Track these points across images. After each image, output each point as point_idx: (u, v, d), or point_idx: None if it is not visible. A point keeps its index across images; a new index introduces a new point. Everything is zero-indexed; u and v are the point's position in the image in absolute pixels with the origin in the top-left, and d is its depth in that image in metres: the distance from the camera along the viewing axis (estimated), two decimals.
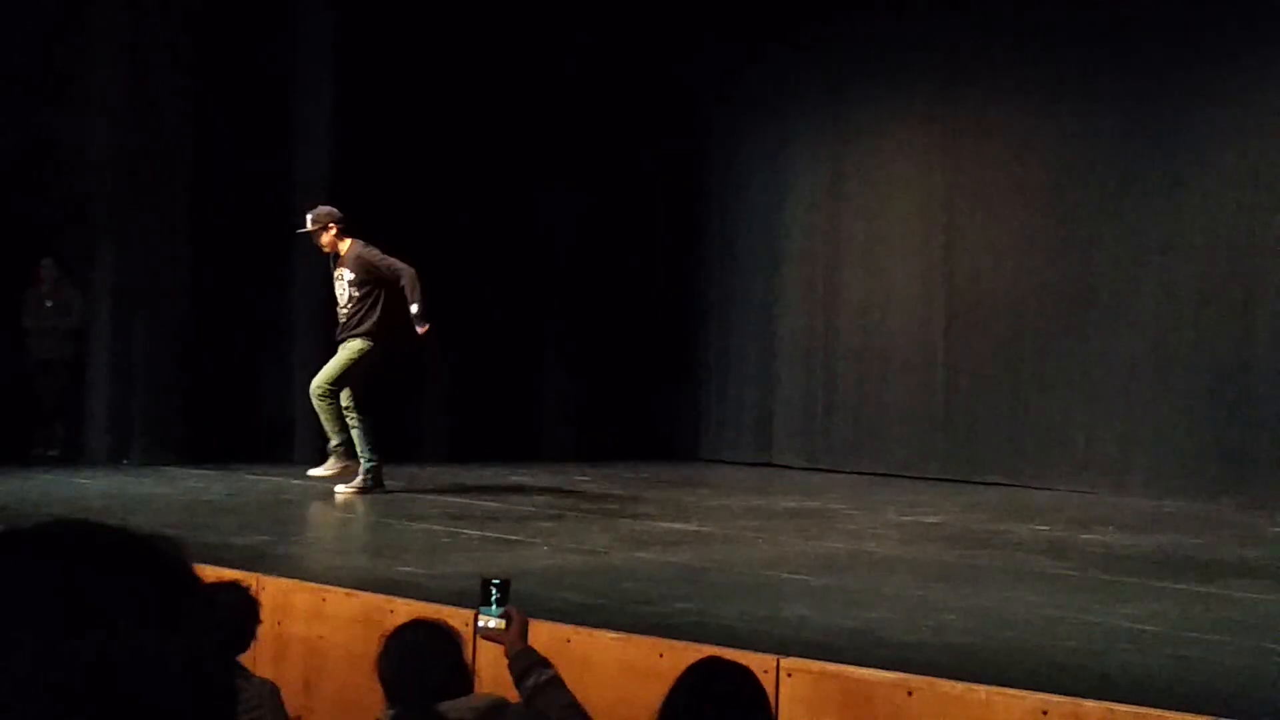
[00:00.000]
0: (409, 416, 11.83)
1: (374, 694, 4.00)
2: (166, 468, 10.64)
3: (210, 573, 5.68)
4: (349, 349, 9.29)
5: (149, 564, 1.11)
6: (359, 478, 9.27)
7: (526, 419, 12.34)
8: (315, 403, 9.32)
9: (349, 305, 9.29)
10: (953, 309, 11.45)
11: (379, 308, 9.26)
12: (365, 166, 11.56)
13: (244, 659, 4.57)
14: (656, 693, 3.40)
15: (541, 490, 9.99)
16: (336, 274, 9.41)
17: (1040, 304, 11.07)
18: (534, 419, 12.43)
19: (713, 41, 12.78)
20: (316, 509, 9.04)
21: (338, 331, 9.40)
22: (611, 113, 12.66)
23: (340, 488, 9.24)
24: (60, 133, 11.60)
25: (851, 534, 8.30)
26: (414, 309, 9.14)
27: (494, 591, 4.09)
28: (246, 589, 4.68)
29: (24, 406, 11.67)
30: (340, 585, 6.06)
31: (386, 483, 9.41)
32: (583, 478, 10.78)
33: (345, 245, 9.33)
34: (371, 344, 9.26)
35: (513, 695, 4.03)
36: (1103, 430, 10.72)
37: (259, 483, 10.03)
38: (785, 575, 6.80)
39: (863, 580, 6.74)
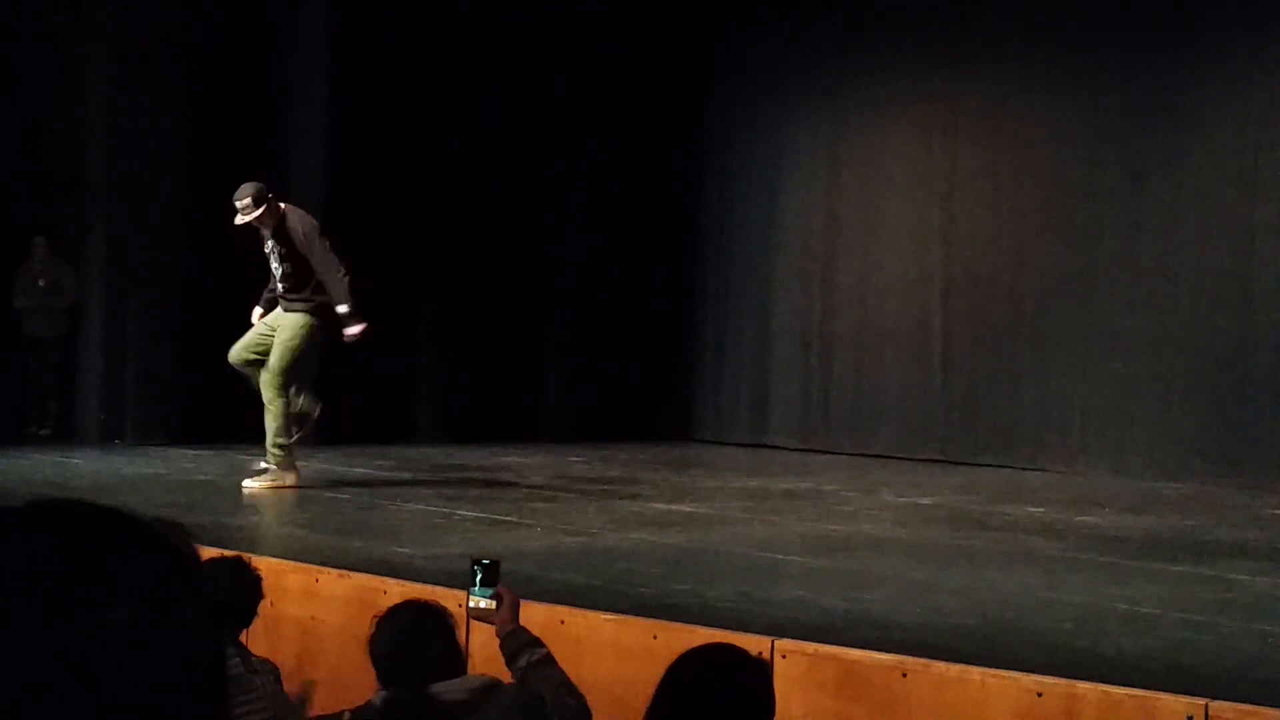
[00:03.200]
0: (404, 397, 11.81)
1: (367, 674, 3.98)
2: (159, 447, 10.61)
3: (211, 550, 5.67)
4: (291, 327, 8.45)
5: (141, 543, 1.10)
6: (269, 469, 8.49)
7: (522, 400, 12.32)
8: (267, 396, 8.45)
9: (284, 281, 8.51)
10: (949, 291, 11.43)
11: (314, 280, 8.45)
12: (361, 144, 11.52)
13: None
14: (650, 674, 3.38)
15: (536, 471, 9.97)
16: (269, 246, 8.58)
17: (1037, 286, 11.05)
18: (529, 400, 12.41)
19: (709, 23, 12.72)
20: (310, 489, 9.01)
21: (269, 290, 8.66)
22: (607, 96, 12.61)
23: (249, 482, 8.51)
24: (53, 110, 11.55)
25: (847, 515, 8.29)
26: (341, 308, 8.36)
27: (484, 573, 4.07)
28: (249, 564, 4.67)
29: (16, 386, 11.64)
30: (333, 566, 6.04)
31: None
32: (578, 459, 10.76)
33: (281, 212, 8.53)
34: (313, 320, 8.49)
35: (506, 676, 4.01)
36: (1099, 412, 10.71)
37: (253, 462, 9.99)
38: (780, 557, 6.78)
39: (858, 562, 6.72)
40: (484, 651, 4.80)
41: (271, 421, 8.49)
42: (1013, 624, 5.36)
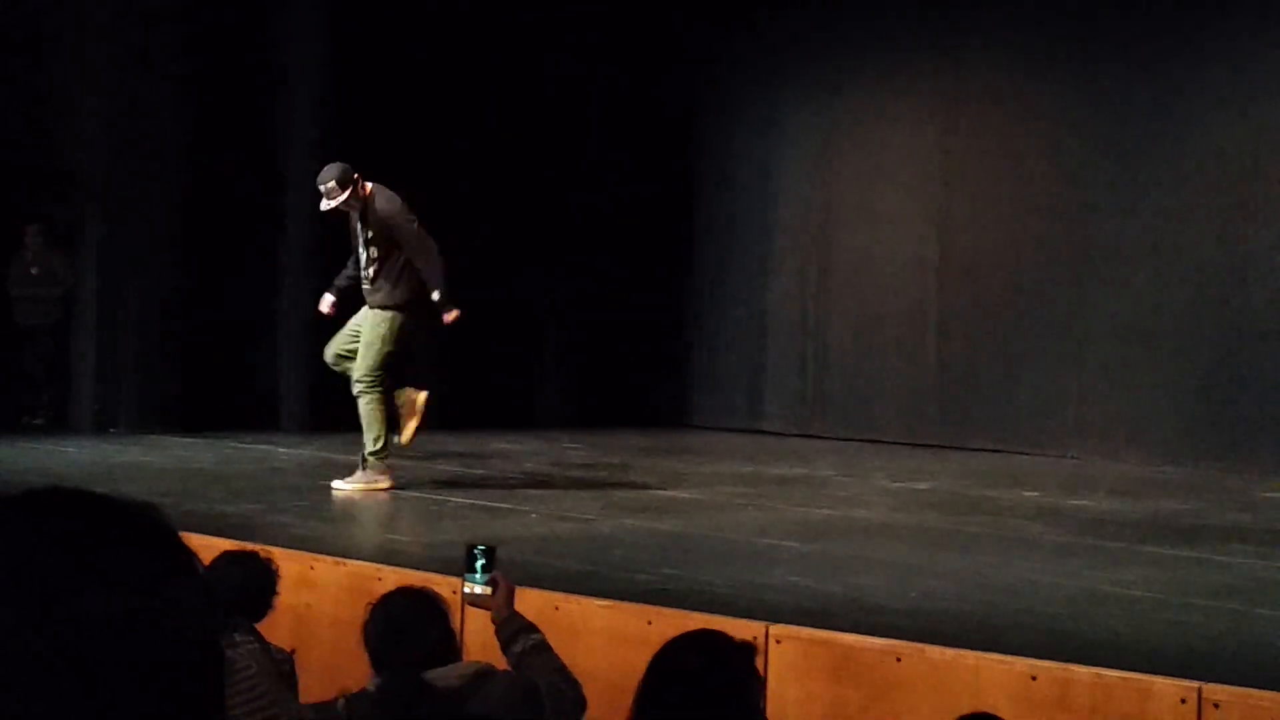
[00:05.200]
0: (396, 385, 11.78)
1: (362, 662, 3.99)
2: (154, 436, 10.60)
3: (227, 543, 5.68)
4: (375, 326, 8.05)
5: (133, 530, 1.10)
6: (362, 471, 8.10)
7: (517, 386, 12.31)
8: (357, 395, 8.03)
9: (370, 267, 8.08)
10: (945, 275, 11.42)
11: (407, 270, 8.04)
12: (358, 130, 11.47)
13: None
14: (645, 660, 3.38)
15: (531, 458, 9.97)
16: (357, 228, 8.14)
17: (1033, 271, 11.05)
18: (525, 386, 12.40)
19: (706, 10, 12.70)
20: (305, 477, 9.01)
21: (342, 278, 8.32)
22: (603, 85, 12.59)
23: (339, 483, 8.12)
24: (48, 99, 11.51)
25: (842, 501, 8.29)
26: (434, 295, 8.03)
27: (479, 558, 4.07)
28: (267, 560, 4.70)
29: (10, 374, 11.63)
30: (329, 553, 6.05)
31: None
32: (573, 445, 10.76)
33: (365, 195, 8.12)
34: (401, 315, 8.06)
35: (501, 663, 4.01)
36: (1094, 397, 10.72)
37: (247, 451, 10.00)
38: (775, 542, 6.79)
39: (852, 547, 6.73)
40: (479, 638, 4.80)
41: (365, 425, 8.04)
42: (1007, 608, 5.37)
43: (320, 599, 5.82)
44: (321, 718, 3.77)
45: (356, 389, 8.05)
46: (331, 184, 8.01)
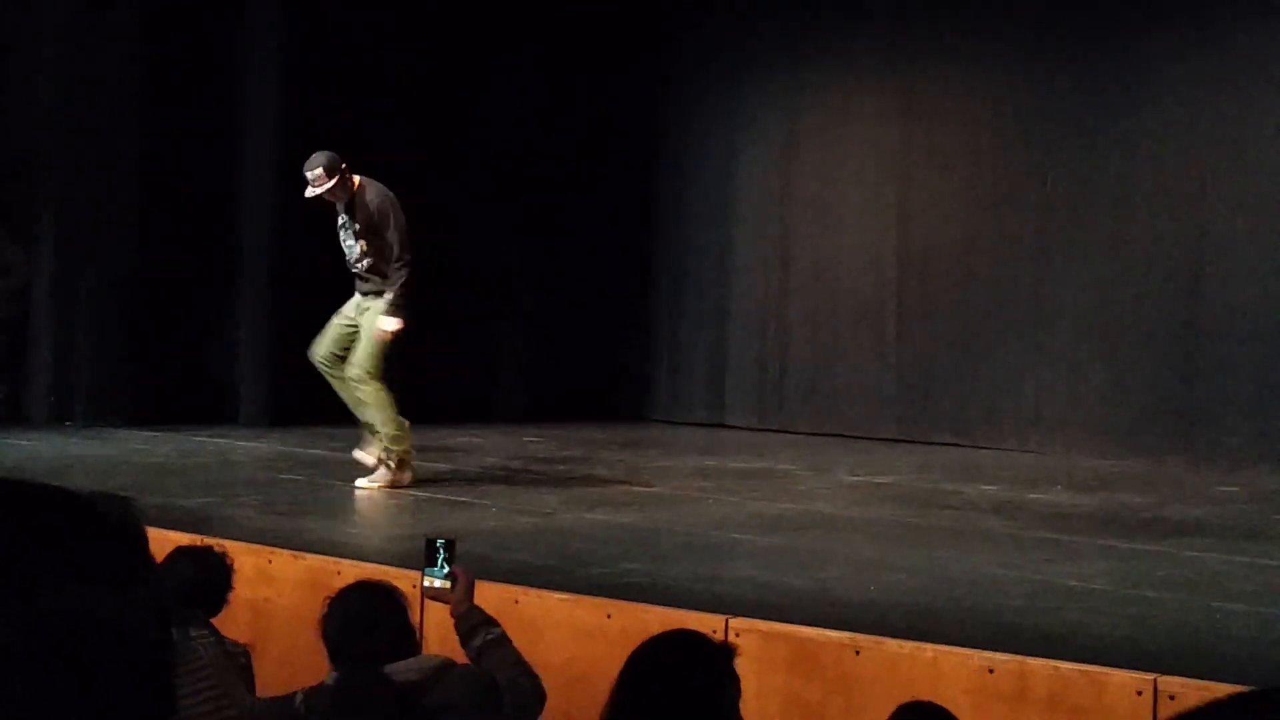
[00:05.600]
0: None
1: (320, 656, 3.97)
2: (110, 429, 10.53)
3: (182, 538, 5.64)
4: (372, 319, 7.94)
5: (86, 523, 1.09)
6: (381, 467, 7.96)
7: (476, 380, 12.28)
8: (359, 390, 7.94)
9: (361, 260, 7.99)
10: (905, 270, 11.46)
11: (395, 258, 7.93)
12: (316, 121, 11.42)
13: None
14: (604, 653, 3.39)
15: (491, 451, 9.95)
16: (341, 220, 8.07)
17: (992, 265, 11.10)
18: (484, 380, 12.37)
19: (666, 2, 12.69)
20: (263, 470, 8.97)
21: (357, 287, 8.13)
22: (563, 77, 12.56)
23: (362, 482, 7.97)
24: (1, 90, 11.40)
25: (802, 494, 8.31)
26: (387, 296, 7.91)
27: (439, 552, 4.06)
28: (221, 554, 4.69)
29: None
30: (287, 547, 6.02)
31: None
32: (533, 439, 10.75)
33: (352, 187, 8.04)
34: (398, 307, 7.97)
35: (460, 656, 4.00)
36: (1052, 390, 10.78)
37: (205, 444, 9.94)
38: (735, 535, 6.79)
39: (812, 540, 6.74)
40: (438, 632, 4.79)
41: (376, 417, 7.92)
42: (965, 601, 5.40)
43: (278, 593, 5.79)
44: (279, 712, 3.75)
45: (355, 378, 7.93)
46: (318, 171, 7.91)
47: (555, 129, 12.59)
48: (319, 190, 7.93)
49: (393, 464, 7.93)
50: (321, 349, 8.16)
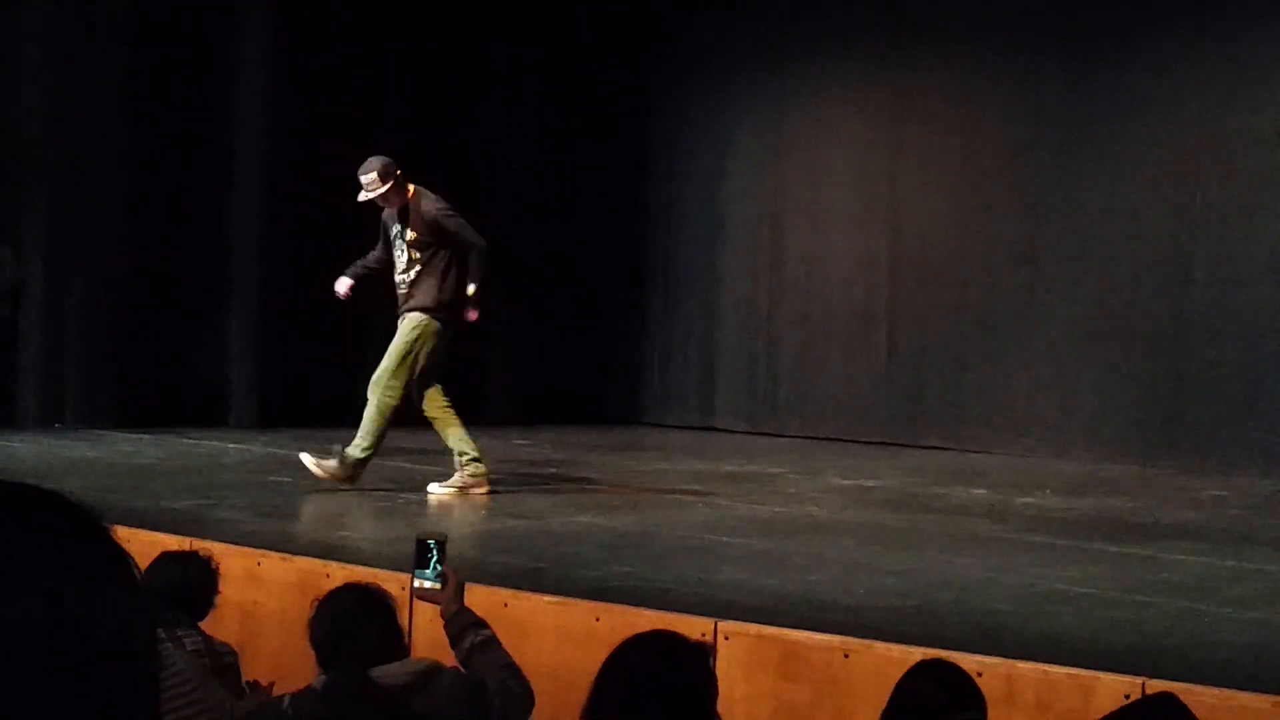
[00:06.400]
0: (346, 380, 11.72)
1: (308, 659, 3.96)
2: (100, 430, 10.50)
3: (171, 541, 5.63)
4: (408, 331, 7.92)
5: (69, 525, 1.09)
6: (459, 476, 7.90)
7: (467, 383, 12.25)
8: (370, 397, 7.90)
9: (411, 269, 7.92)
10: (895, 274, 11.47)
11: (450, 272, 7.90)
12: (306, 119, 11.42)
13: None
14: (593, 656, 3.38)
15: (481, 454, 9.92)
16: (395, 230, 7.96)
17: (982, 269, 11.11)
18: (475, 383, 12.34)
19: (653, 7, 12.70)
20: (253, 473, 8.96)
21: (359, 264, 8.15)
22: (552, 82, 12.56)
23: (434, 487, 7.94)
24: None
25: (792, 498, 8.31)
26: (470, 288, 7.88)
27: (429, 552, 4.05)
28: (208, 559, 4.69)
29: None
30: (276, 550, 6.01)
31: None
32: (523, 442, 10.74)
33: (407, 194, 7.97)
34: (438, 320, 7.90)
35: (448, 660, 3.99)
36: (1042, 395, 10.79)
37: (195, 446, 9.93)
38: (724, 539, 6.79)
39: (802, 544, 6.74)
40: (427, 634, 4.78)
41: (366, 419, 7.85)
42: (954, 605, 5.40)
43: (267, 595, 5.78)
44: (266, 715, 3.74)
45: (372, 386, 7.90)
46: (373, 175, 7.89)
47: (545, 132, 12.58)
48: (372, 195, 7.90)
49: (338, 467, 7.82)
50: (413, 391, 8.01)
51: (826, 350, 11.83)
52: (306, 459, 7.86)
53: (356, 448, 7.83)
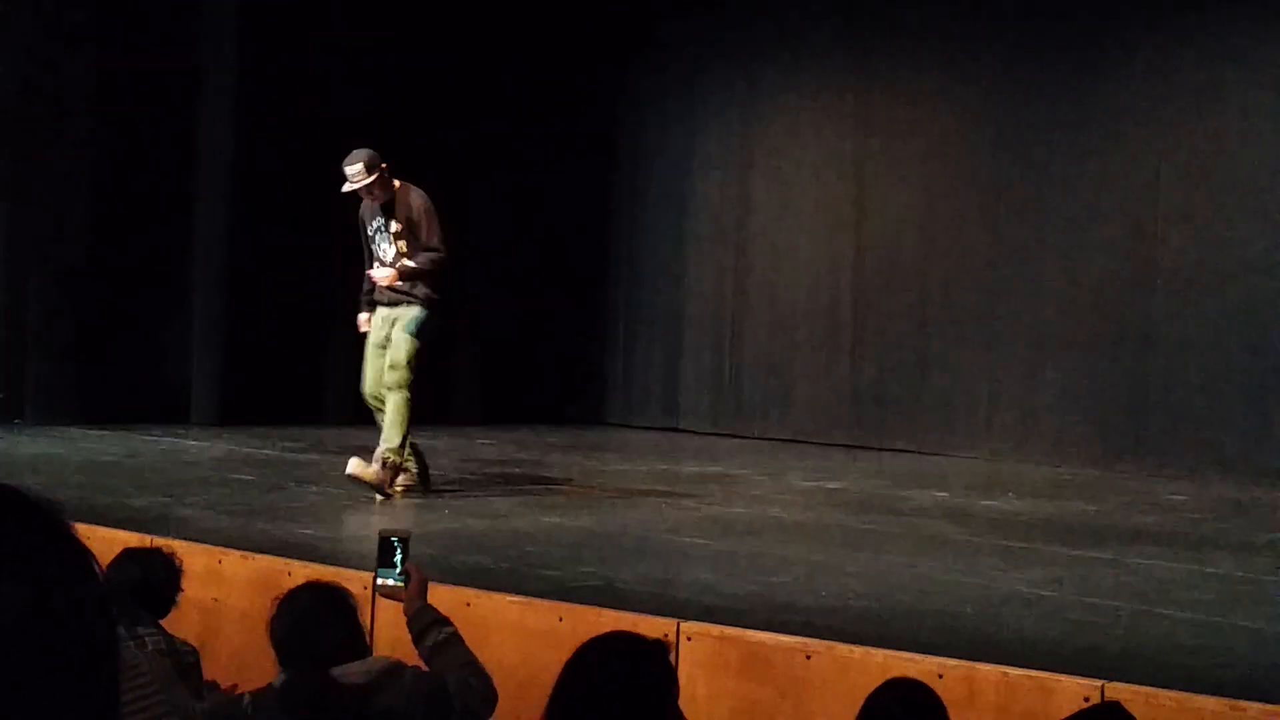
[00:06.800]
0: (312, 379, 11.70)
1: (269, 657, 3.94)
2: (61, 428, 10.43)
3: (132, 538, 5.59)
4: (405, 323, 7.92)
5: (25, 523, 1.08)
6: (381, 469, 7.80)
7: (432, 383, 12.22)
8: (389, 397, 7.85)
9: (395, 263, 7.92)
10: (860, 277, 11.51)
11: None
12: (271, 114, 11.37)
13: None
14: (556, 656, 3.37)
15: (445, 454, 9.91)
16: (377, 224, 7.99)
17: (946, 273, 11.16)
18: (439, 383, 12.31)
19: (623, 8, 12.70)
20: (215, 470, 8.91)
21: (368, 290, 8.05)
22: (520, 82, 12.55)
23: (353, 464, 7.85)
24: None
25: (755, 499, 8.32)
26: (405, 264, 7.82)
27: (392, 549, 4.04)
28: (170, 556, 4.67)
29: None
30: (237, 547, 5.98)
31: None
32: (487, 442, 10.72)
33: (393, 188, 7.98)
34: (429, 311, 7.95)
35: (410, 659, 3.98)
36: (1005, 398, 10.84)
37: (156, 444, 9.88)
38: (687, 540, 6.80)
39: (765, 545, 6.75)
40: (389, 633, 4.77)
41: (389, 420, 7.83)
42: (915, 607, 5.42)
43: (228, 593, 5.75)
44: (227, 714, 3.73)
45: (390, 384, 7.86)
46: (358, 166, 7.87)
47: (512, 135, 12.57)
48: (356, 185, 7.89)
49: (385, 465, 7.81)
50: (370, 384, 8.04)
51: (791, 353, 11.86)
52: (352, 466, 7.76)
53: (391, 443, 7.81)
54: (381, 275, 7.92)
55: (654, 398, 12.59)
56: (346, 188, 7.94)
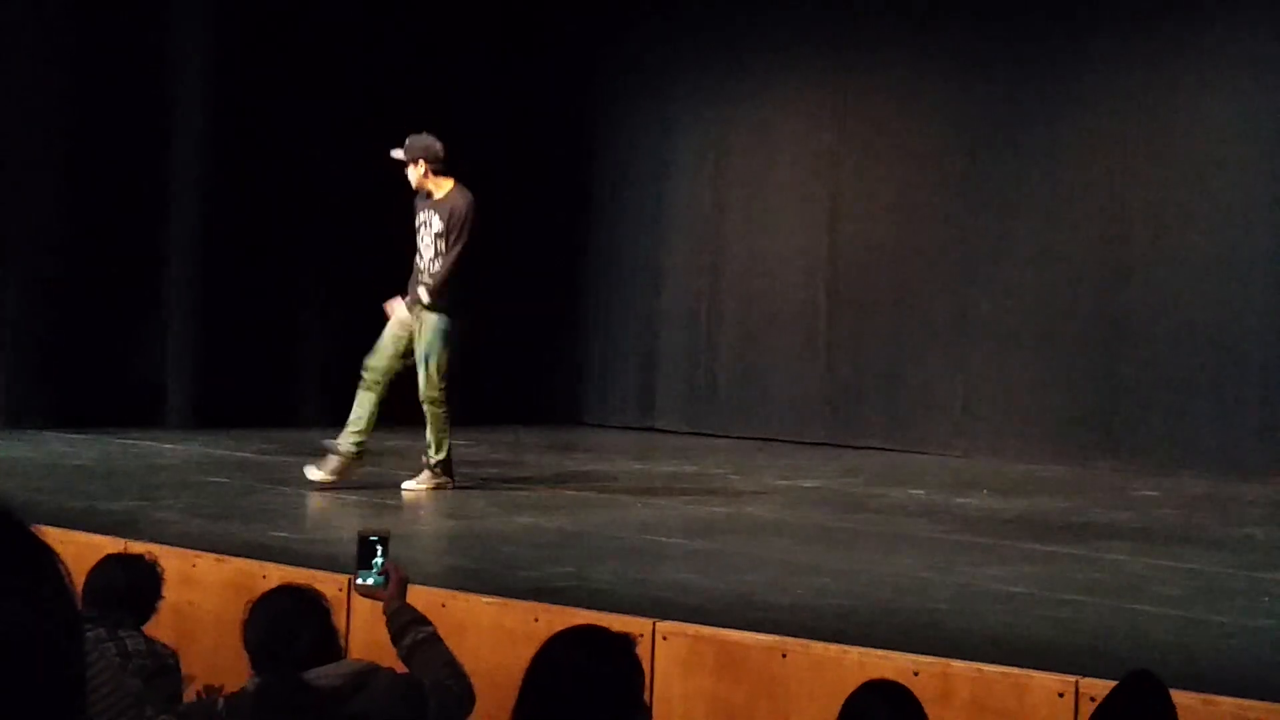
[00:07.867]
0: (287, 379, 11.66)
1: (244, 661, 3.93)
2: (34, 431, 10.38)
3: (106, 542, 5.58)
4: (430, 336, 8.13)
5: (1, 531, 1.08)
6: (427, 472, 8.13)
7: (407, 383, 12.20)
8: (428, 410, 8.13)
9: (432, 259, 8.07)
10: (835, 274, 11.53)
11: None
12: (245, 116, 11.33)
13: None
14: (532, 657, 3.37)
15: (421, 455, 9.89)
16: (422, 218, 8.12)
17: (920, 272, 11.18)
18: (413, 384, 12.29)
19: (597, 7, 12.70)
20: (189, 473, 8.88)
21: (410, 283, 8.18)
22: (495, 81, 12.53)
23: (408, 484, 8.15)
24: None
25: (731, 498, 8.34)
26: (425, 280, 8.01)
27: (371, 548, 4.04)
28: (153, 562, 4.68)
29: None
30: (211, 550, 5.96)
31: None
32: (462, 442, 10.69)
33: (443, 186, 8.13)
34: (450, 319, 8.14)
35: (387, 661, 3.98)
36: (980, 396, 10.87)
37: (131, 447, 9.83)
38: (663, 539, 6.80)
39: (740, 544, 6.77)
40: (364, 635, 4.77)
41: (432, 430, 8.13)
42: (890, 604, 5.43)
43: (203, 597, 5.73)
44: (201, 717, 3.72)
45: (429, 400, 8.10)
46: (402, 149, 8.10)
47: (485, 133, 12.54)
48: (397, 158, 8.10)
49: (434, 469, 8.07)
50: (384, 360, 8.20)
51: (767, 351, 11.87)
52: (407, 485, 8.01)
53: (434, 454, 8.07)
54: (399, 312, 8.11)
55: (630, 397, 12.58)
56: (397, 153, 8.18)
